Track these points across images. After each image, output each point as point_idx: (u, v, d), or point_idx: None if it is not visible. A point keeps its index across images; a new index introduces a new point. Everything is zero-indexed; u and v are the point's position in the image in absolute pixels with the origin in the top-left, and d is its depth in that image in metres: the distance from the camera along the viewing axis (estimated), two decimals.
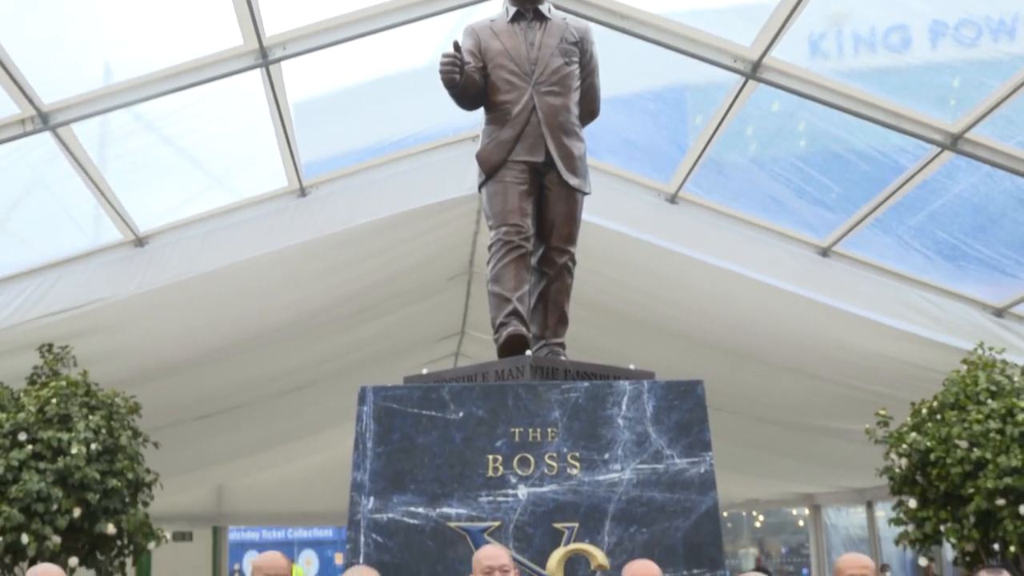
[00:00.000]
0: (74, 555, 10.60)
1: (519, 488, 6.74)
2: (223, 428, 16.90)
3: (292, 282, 12.78)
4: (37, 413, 10.67)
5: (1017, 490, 10.47)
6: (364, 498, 6.74)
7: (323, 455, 21.09)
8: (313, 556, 29.48)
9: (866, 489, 20.66)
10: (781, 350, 13.88)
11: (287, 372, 15.63)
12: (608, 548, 6.66)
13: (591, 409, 6.89)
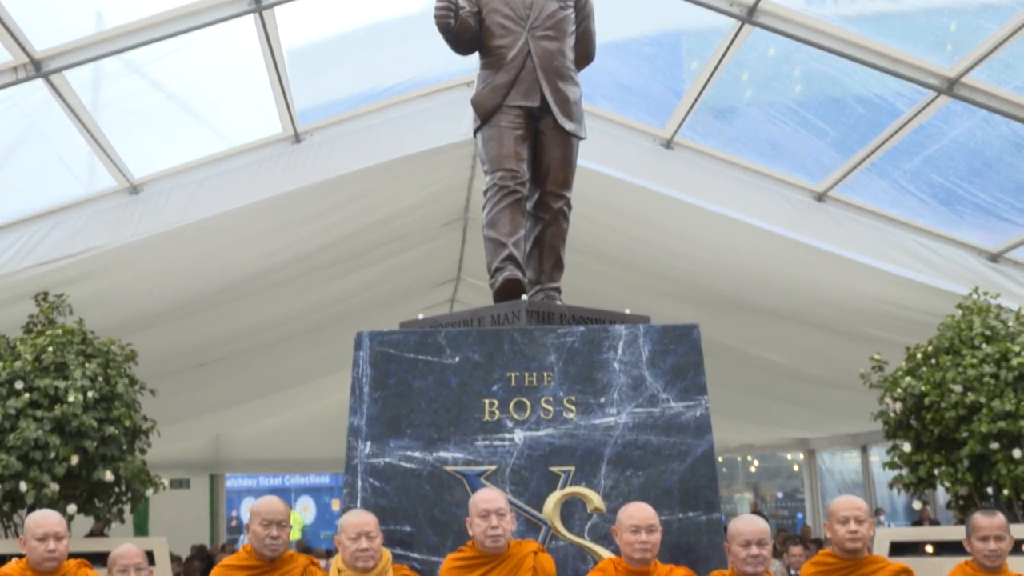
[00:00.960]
0: (72, 502, 10.63)
1: (515, 432, 6.77)
2: (220, 376, 16.94)
3: (287, 229, 12.76)
4: (33, 361, 10.67)
5: (1010, 434, 10.51)
6: (361, 443, 6.77)
7: (320, 402, 21.17)
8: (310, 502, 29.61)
9: (860, 434, 20.77)
10: (776, 295, 13.90)
11: (283, 319, 15.65)
12: (604, 491, 6.70)
13: (587, 353, 6.91)
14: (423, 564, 6.52)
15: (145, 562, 6.22)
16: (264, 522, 6.24)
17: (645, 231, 13.35)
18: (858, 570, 6.13)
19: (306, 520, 29.05)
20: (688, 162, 12.53)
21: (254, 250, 13.07)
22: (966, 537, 6.21)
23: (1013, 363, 10.58)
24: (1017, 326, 11.14)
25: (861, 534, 6.10)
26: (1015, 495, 10.67)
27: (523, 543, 6.14)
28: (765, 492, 30.16)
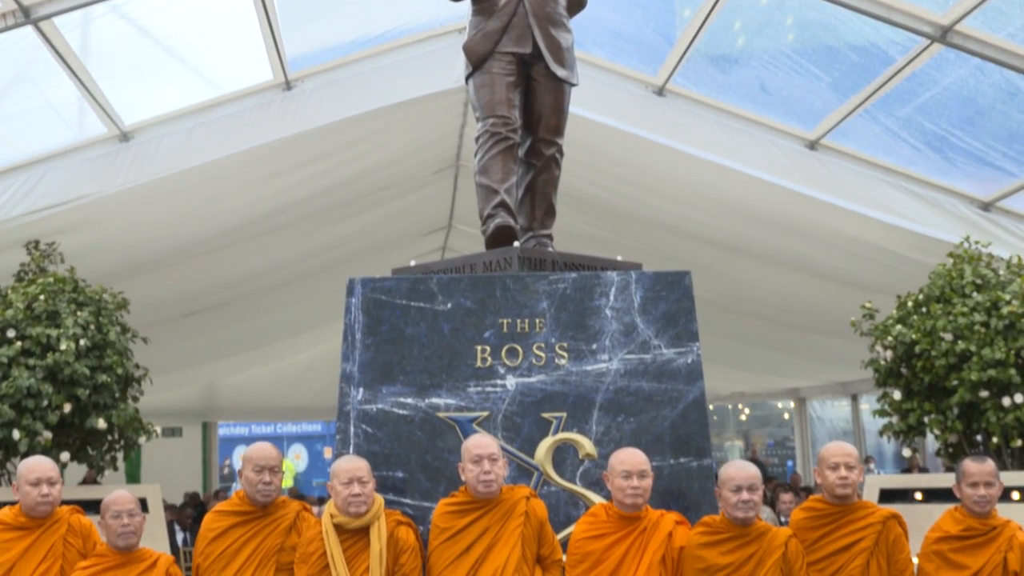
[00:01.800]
0: (65, 450, 10.65)
1: (507, 378, 6.79)
2: (212, 324, 16.94)
3: (278, 176, 12.73)
4: (25, 310, 10.66)
5: (1000, 382, 10.55)
6: (353, 389, 6.79)
7: (312, 351, 21.19)
8: (302, 450, 29.64)
9: (851, 382, 20.83)
10: (768, 243, 13.90)
11: (274, 267, 15.64)
12: (596, 437, 6.72)
13: (579, 300, 6.91)
14: (416, 510, 6.55)
15: (138, 508, 6.23)
16: (257, 468, 6.27)
17: (637, 178, 13.33)
18: (847, 516, 6.17)
19: (298, 468, 29.09)
20: (680, 109, 12.49)
21: (245, 198, 13.04)
22: (956, 483, 6.24)
23: (1003, 312, 10.60)
24: (1008, 275, 11.16)
25: (851, 480, 6.14)
26: (1004, 443, 10.73)
27: (515, 489, 6.16)
28: (755, 440, 30.27)
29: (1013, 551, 6.02)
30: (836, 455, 6.19)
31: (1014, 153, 11.99)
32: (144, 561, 6.17)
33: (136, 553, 6.19)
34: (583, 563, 5.98)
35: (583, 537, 6.04)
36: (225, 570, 6.21)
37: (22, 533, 6.27)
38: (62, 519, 6.36)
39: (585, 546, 6.01)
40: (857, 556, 6.08)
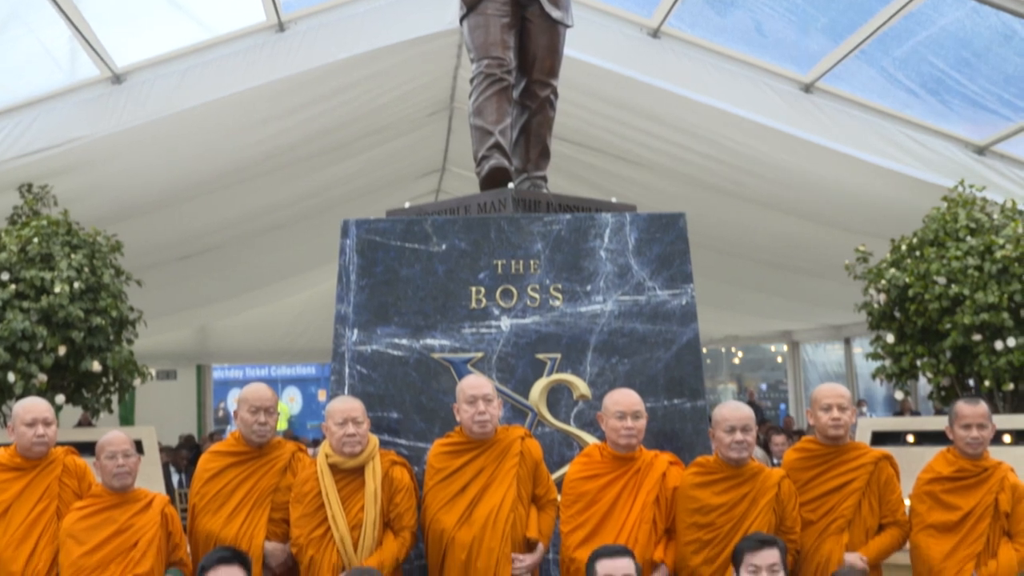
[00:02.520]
0: (60, 392, 10.67)
1: (502, 320, 6.80)
2: (206, 268, 16.91)
3: (271, 118, 12.66)
4: (19, 253, 10.63)
5: (993, 326, 10.57)
6: (348, 330, 6.80)
7: (306, 293, 21.17)
8: (296, 393, 29.66)
9: (844, 326, 20.86)
10: (762, 187, 13.87)
11: (268, 209, 15.59)
12: (590, 379, 6.76)
13: (573, 241, 6.92)
14: (410, 450, 6.59)
15: (133, 449, 6.25)
16: (252, 408, 6.29)
17: (631, 120, 13.28)
18: (840, 456, 6.21)
19: (292, 411, 29.12)
20: (675, 52, 12.42)
21: (239, 140, 12.99)
22: (948, 425, 6.27)
23: (997, 256, 10.60)
24: (1002, 219, 11.16)
25: (843, 421, 6.17)
26: (996, 386, 10.76)
27: (510, 429, 6.19)
28: (748, 383, 30.35)
29: (1004, 492, 6.07)
30: (829, 396, 6.22)
31: (1009, 96, 11.94)
32: (139, 501, 6.20)
33: (131, 493, 6.21)
34: (577, 503, 6.01)
35: (577, 477, 6.08)
36: (221, 510, 6.25)
37: (18, 474, 6.29)
38: (57, 460, 6.38)
39: (579, 486, 6.04)
40: (849, 496, 6.13)
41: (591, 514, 5.98)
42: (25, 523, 6.18)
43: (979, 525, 6.05)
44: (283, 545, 6.22)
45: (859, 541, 6.11)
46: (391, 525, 6.10)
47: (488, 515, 5.93)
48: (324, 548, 5.97)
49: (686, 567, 5.93)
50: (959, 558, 6.01)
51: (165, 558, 6.18)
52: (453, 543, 5.93)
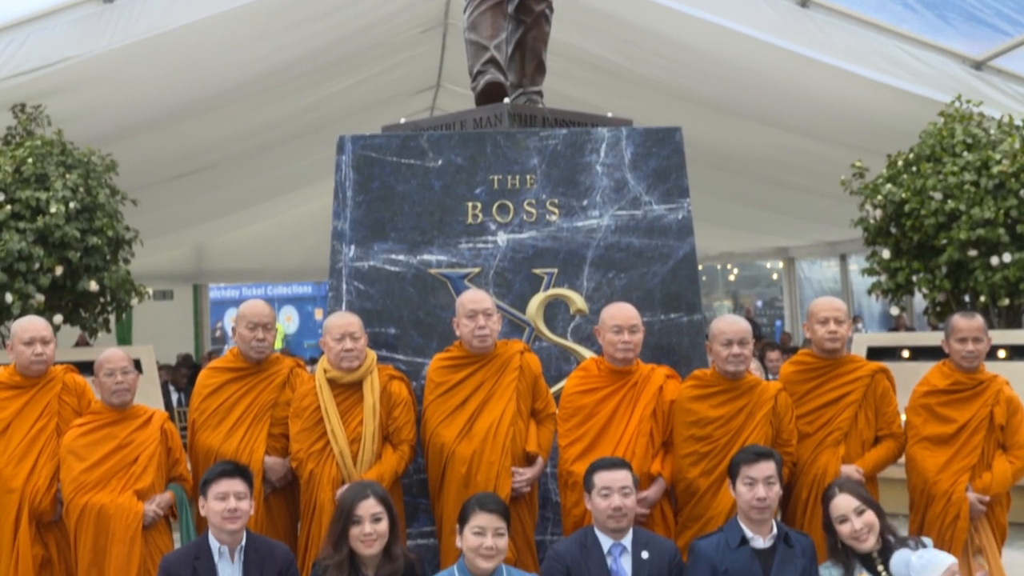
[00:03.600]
0: (58, 312, 10.69)
1: (498, 235, 6.80)
2: (201, 186, 16.86)
3: (265, 36, 12.56)
4: (14, 173, 10.61)
5: (989, 241, 10.59)
6: (345, 247, 6.79)
7: (301, 210, 21.09)
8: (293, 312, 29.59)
9: (840, 242, 20.84)
10: (758, 102, 13.81)
11: (263, 127, 15.51)
12: (587, 293, 6.77)
13: (569, 156, 6.89)
14: (408, 365, 6.61)
15: (131, 366, 6.27)
16: (250, 325, 6.30)
17: (627, 35, 13.18)
18: (836, 369, 6.24)
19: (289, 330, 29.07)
20: None
21: (233, 58, 12.89)
22: (944, 339, 6.29)
23: (993, 171, 10.61)
24: (999, 134, 11.14)
25: (840, 334, 6.19)
26: (991, 302, 10.81)
27: (509, 343, 6.21)
28: (744, 300, 30.37)
29: (999, 405, 6.11)
30: (826, 309, 6.23)
31: (1008, 11, 11.86)
32: (138, 418, 6.23)
33: (130, 410, 6.25)
34: (575, 416, 6.05)
35: (575, 391, 6.11)
36: (220, 425, 6.28)
37: (17, 392, 6.32)
38: (56, 378, 6.40)
39: (577, 400, 6.07)
40: (845, 409, 6.17)
41: (589, 428, 6.02)
42: (25, 440, 6.22)
43: (974, 438, 6.09)
44: (283, 459, 6.26)
45: (855, 453, 6.15)
46: (390, 439, 6.14)
47: (488, 429, 5.96)
48: (323, 462, 6.01)
49: (683, 479, 5.97)
50: (954, 470, 6.05)
51: (165, 473, 6.23)
52: (453, 457, 5.97)
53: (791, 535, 5.38)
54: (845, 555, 5.28)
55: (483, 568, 5.16)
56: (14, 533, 6.11)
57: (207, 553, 5.31)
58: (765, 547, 5.29)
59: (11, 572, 6.09)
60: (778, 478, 5.35)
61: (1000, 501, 6.17)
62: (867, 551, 5.24)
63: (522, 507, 6.07)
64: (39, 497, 6.12)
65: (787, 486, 6.00)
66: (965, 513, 5.97)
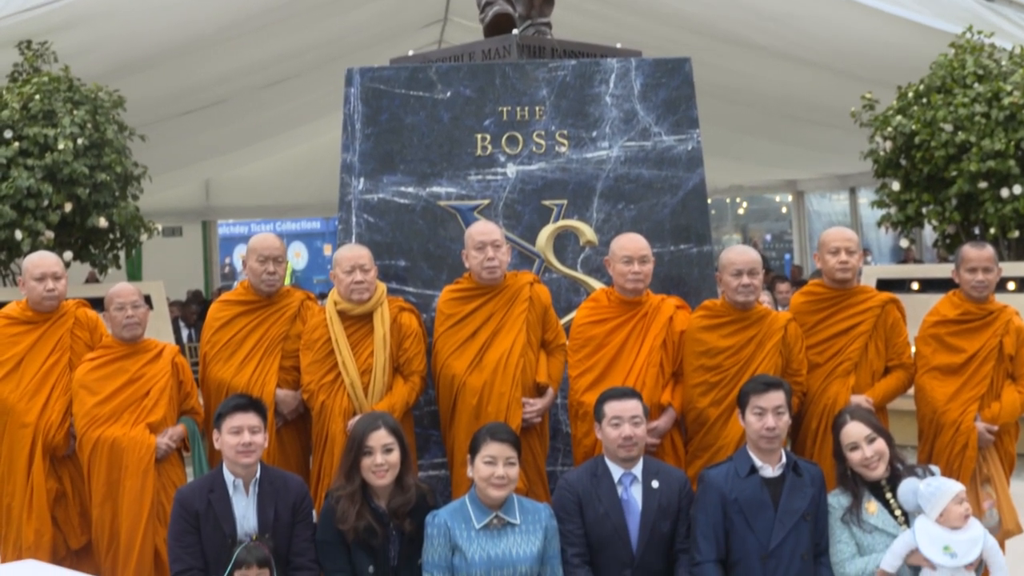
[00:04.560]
0: (68, 249, 10.71)
1: (508, 166, 6.79)
2: (209, 122, 16.80)
3: None
4: (21, 110, 10.60)
5: (999, 173, 10.56)
6: (354, 179, 6.79)
7: (310, 145, 21.01)
8: (302, 248, 29.49)
9: (849, 175, 20.76)
10: (768, 33, 13.71)
11: (271, 61, 15.43)
12: (596, 224, 6.77)
13: (578, 87, 6.86)
14: (418, 298, 6.62)
15: (141, 300, 6.27)
16: (261, 258, 6.30)
17: None
18: (847, 300, 6.23)
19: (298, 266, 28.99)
20: None
21: None
22: (954, 269, 6.28)
23: (1004, 103, 10.56)
24: (1010, 65, 11.08)
25: (851, 264, 6.18)
26: (1001, 234, 10.79)
27: (519, 274, 6.22)
28: (753, 234, 30.33)
29: (1009, 335, 6.10)
30: (837, 239, 6.22)
31: None
32: (150, 351, 6.26)
33: (141, 344, 6.27)
34: (585, 347, 6.07)
35: (585, 322, 6.12)
36: (231, 358, 6.30)
37: (30, 327, 6.34)
38: (68, 313, 6.42)
39: (587, 331, 6.09)
40: (855, 340, 6.17)
41: (599, 358, 6.04)
42: (38, 375, 6.25)
43: (983, 367, 6.10)
44: (294, 392, 6.28)
45: (865, 384, 6.16)
46: (400, 370, 6.17)
47: (498, 360, 5.98)
48: (335, 393, 6.05)
49: (693, 409, 6.00)
50: (963, 400, 6.06)
51: (177, 406, 6.26)
52: (464, 388, 6.00)
53: (800, 464, 5.41)
54: (854, 483, 5.30)
55: (495, 497, 5.20)
56: (28, 467, 6.16)
57: (221, 486, 5.35)
58: (774, 476, 5.32)
59: (26, 506, 6.14)
60: (787, 408, 5.37)
61: (1009, 431, 6.19)
62: (876, 479, 5.27)
63: (533, 438, 6.10)
64: (52, 431, 6.15)
65: (797, 416, 6.02)
66: (974, 443, 5.99)
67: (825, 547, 5.31)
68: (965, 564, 5.00)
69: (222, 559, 5.20)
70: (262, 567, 5.11)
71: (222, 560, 5.20)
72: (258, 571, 5.10)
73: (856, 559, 5.21)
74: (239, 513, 5.33)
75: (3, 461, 6.22)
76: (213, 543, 5.26)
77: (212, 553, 5.26)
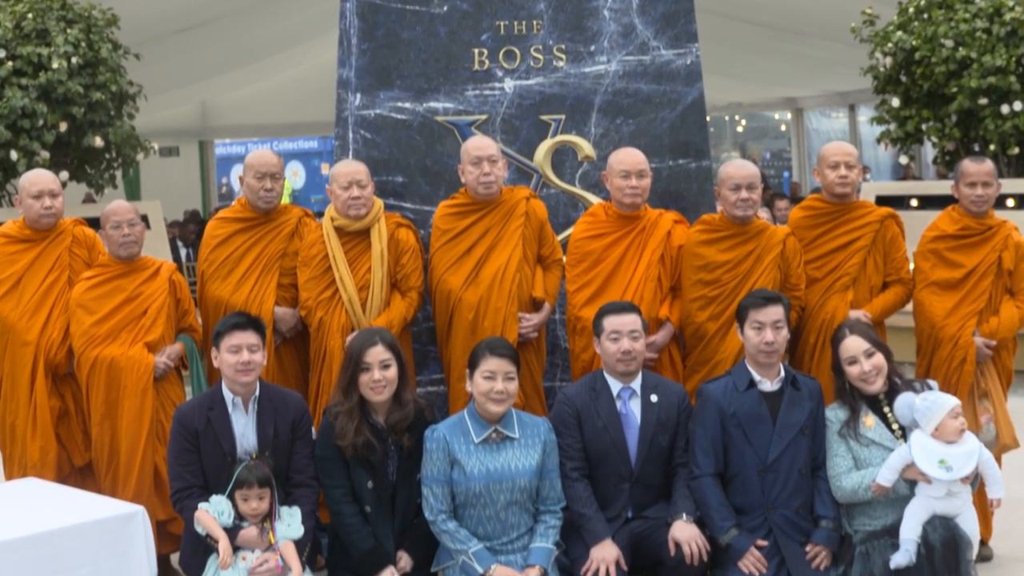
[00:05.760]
0: (64, 169, 10.68)
1: (505, 81, 6.75)
2: (204, 40, 16.65)
3: None
4: (14, 29, 10.54)
5: (1000, 89, 10.52)
6: (350, 95, 6.74)
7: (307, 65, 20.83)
8: (299, 168, 29.30)
9: (849, 92, 20.64)
10: None
11: None
12: (594, 139, 6.75)
13: (576, 1, 6.80)
14: (416, 214, 6.60)
15: (138, 218, 6.24)
16: (258, 174, 6.25)
17: None
18: (846, 214, 6.21)
19: (295, 186, 28.86)
20: None
21: None
22: (954, 184, 6.25)
23: (1006, 18, 10.50)
24: None
25: (851, 179, 6.15)
26: (1001, 150, 10.77)
27: (515, 189, 6.21)
28: (752, 152, 30.21)
29: (1008, 250, 6.08)
30: (836, 154, 6.18)
31: None
32: (147, 269, 6.23)
33: (138, 262, 6.23)
34: (583, 262, 6.06)
35: (583, 237, 6.11)
36: (229, 276, 6.28)
37: (27, 245, 6.30)
38: (66, 231, 6.38)
39: (585, 245, 6.08)
40: (854, 255, 6.15)
41: (597, 273, 6.04)
42: (38, 293, 6.22)
43: (982, 282, 6.07)
44: (292, 310, 6.28)
45: (863, 299, 6.15)
46: (398, 286, 6.17)
47: (494, 275, 5.99)
48: (333, 310, 6.05)
49: (691, 323, 6.01)
50: (961, 315, 6.04)
51: (175, 325, 6.25)
52: (460, 303, 6.01)
53: (798, 378, 5.44)
54: (852, 397, 5.33)
55: (493, 412, 5.22)
56: (31, 385, 6.15)
57: (220, 404, 5.38)
58: (772, 390, 5.36)
59: (30, 424, 6.15)
60: (786, 322, 5.38)
61: (1007, 346, 6.18)
62: (874, 393, 5.30)
63: (530, 353, 6.12)
64: (54, 350, 6.14)
65: (795, 331, 6.02)
66: (971, 357, 5.98)
67: (822, 461, 5.37)
68: (960, 478, 5.04)
69: (221, 477, 5.24)
70: (263, 486, 5.13)
71: (222, 478, 5.24)
72: (259, 490, 5.12)
73: (852, 473, 5.25)
74: (238, 431, 5.36)
75: (5, 380, 6.21)
76: (212, 461, 5.30)
77: (211, 471, 5.30)
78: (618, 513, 5.46)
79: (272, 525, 5.17)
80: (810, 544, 5.29)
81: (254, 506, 5.12)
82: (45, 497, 5.22)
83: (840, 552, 5.30)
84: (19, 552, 4.51)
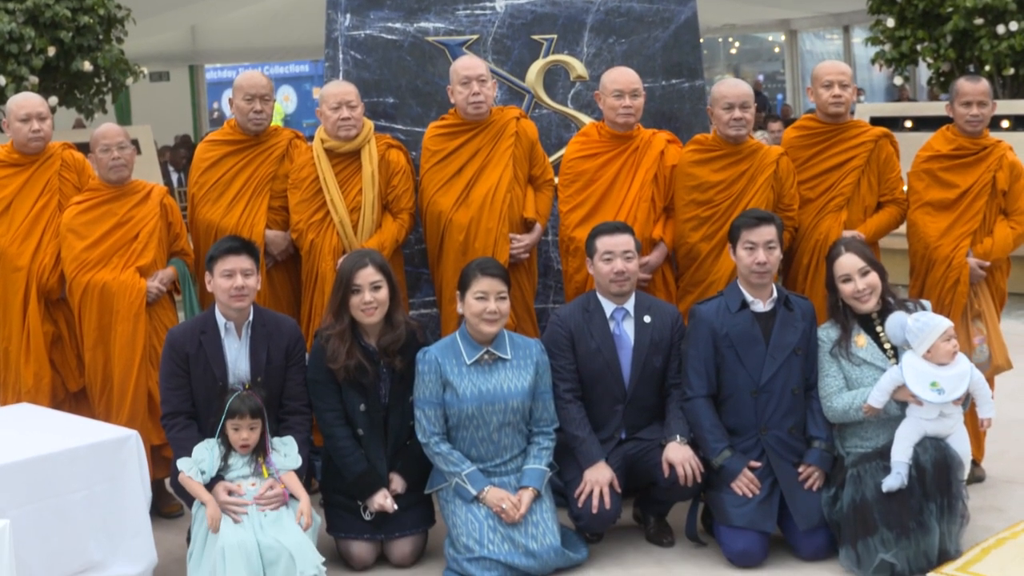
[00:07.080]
0: (53, 95, 10.61)
1: (496, 1, 6.68)
2: None
3: None
4: None
5: (995, 9, 10.46)
6: (340, 15, 6.68)
7: None
8: (291, 92, 29.19)
9: (843, 13, 20.53)
10: None
11: None
12: (587, 59, 6.71)
13: None
14: (407, 135, 6.56)
15: (127, 141, 6.17)
16: (247, 96, 6.20)
17: None
18: (840, 134, 6.18)
19: (287, 110, 28.75)
20: None
21: None
22: (948, 103, 6.21)
23: None
24: None
25: (845, 98, 6.12)
26: (996, 71, 10.72)
27: (505, 109, 6.16)
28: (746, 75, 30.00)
29: (1002, 170, 6.06)
30: (830, 73, 6.14)
31: None
32: (137, 193, 6.18)
33: (129, 186, 6.18)
34: (576, 182, 6.04)
35: (575, 157, 6.08)
36: (220, 199, 6.25)
37: (16, 170, 6.25)
38: (55, 155, 6.32)
39: (577, 166, 6.06)
40: (848, 175, 6.14)
41: (590, 193, 6.02)
42: (28, 218, 6.18)
43: (976, 203, 6.06)
44: (283, 233, 6.25)
45: (857, 219, 6.14)
46: (389, 208, 6.15)
47: (485, 196, 5.96)
48: (324, 232, 6.04)
49: (684, 244, 6.00)
50: (955, 235, 6.04)
51: (167, 249, 6.22)
52: (451, 224, 6.00)
53: (791, 298, 5.44)
54: (844, 316, 5.33)
55: (486, 332, 5.22)
56: (23, 311, 6.12)
57: (213, 328, 5.36)
58: (765, 311, 5.36)
59: (23, 349, 6.13)
60: (779, 243, 5.37)
61: (1000, 267, 6.18)
62: (867, 312, 5.30)
63: (521, 274, 6.12)
64: (46, 275, 6.11)
65: (788, 251, 6.02)
66: (965, 278, 5.98)
67: (815, 381, 5.38)
68: (952, 400, 5.05)
69: (212, 404, 5.24)
70: (255, 417, 5.11)
71: (212, 405, 5.24)
72: (251, 420, 5.10)
73: (843, 393, 5.26)
74: (231, 357, 5.35)
75: None
76: (203, 387, 5.30)
77: (202, 397, 5.31)
78: (611, 435, 5.48)
79: (267, 459, 5.17)
80: (803, 465, 5.32)
81: (244, 436, 5.10)
82: (39, 422, 5.25)
83: (832, 473, 5.31)
84: (13, 477, 4.54)
